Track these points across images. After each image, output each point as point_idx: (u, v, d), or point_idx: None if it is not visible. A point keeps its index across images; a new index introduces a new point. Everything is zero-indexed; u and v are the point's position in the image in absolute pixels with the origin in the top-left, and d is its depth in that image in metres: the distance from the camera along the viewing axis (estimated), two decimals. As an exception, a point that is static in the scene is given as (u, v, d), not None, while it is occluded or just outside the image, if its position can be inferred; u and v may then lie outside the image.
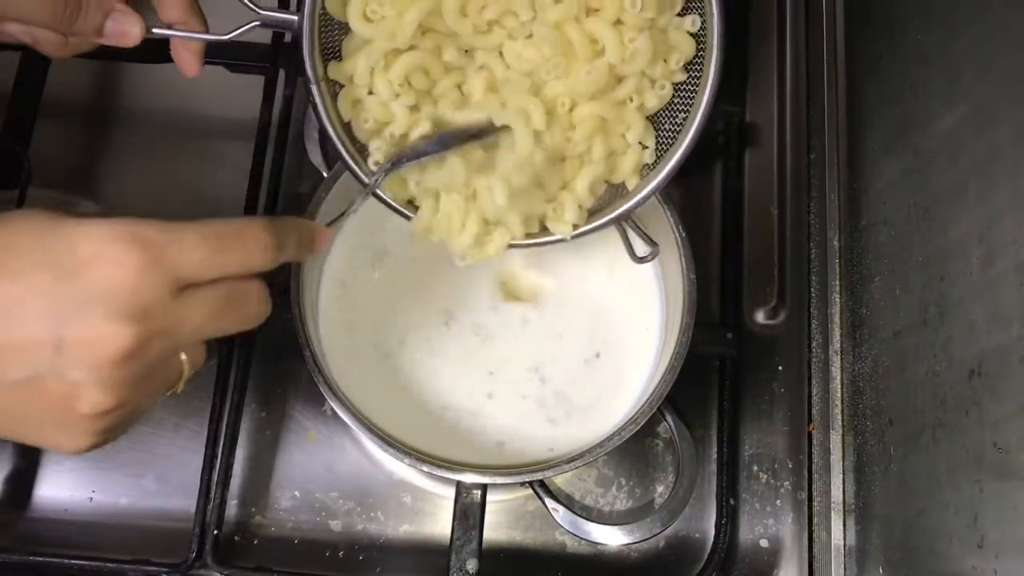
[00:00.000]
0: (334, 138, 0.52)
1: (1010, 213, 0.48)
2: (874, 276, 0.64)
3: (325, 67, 0.51)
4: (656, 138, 0.53)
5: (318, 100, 0.51)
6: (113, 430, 0.38)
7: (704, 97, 0.50)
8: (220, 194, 0.68)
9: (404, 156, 0.50)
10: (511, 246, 0.54)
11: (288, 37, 0.67)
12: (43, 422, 0.37)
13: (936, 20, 0.58)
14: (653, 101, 0.52)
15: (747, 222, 0.70)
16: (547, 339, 0.61)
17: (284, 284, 0.54)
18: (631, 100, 0.51)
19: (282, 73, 0.68)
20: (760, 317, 0.69)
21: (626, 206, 0.53)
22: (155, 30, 0.50)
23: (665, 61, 0.51)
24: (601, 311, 0.62)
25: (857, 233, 0.67)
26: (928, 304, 0.55)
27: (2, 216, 0.36)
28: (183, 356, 0.39)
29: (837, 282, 0.68)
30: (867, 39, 0.70)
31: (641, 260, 0.55)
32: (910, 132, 0.60)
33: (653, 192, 0.53)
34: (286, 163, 0.66)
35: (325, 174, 0.61)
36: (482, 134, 0.50)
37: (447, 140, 0.50)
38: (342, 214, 0.51)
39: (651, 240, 0.54)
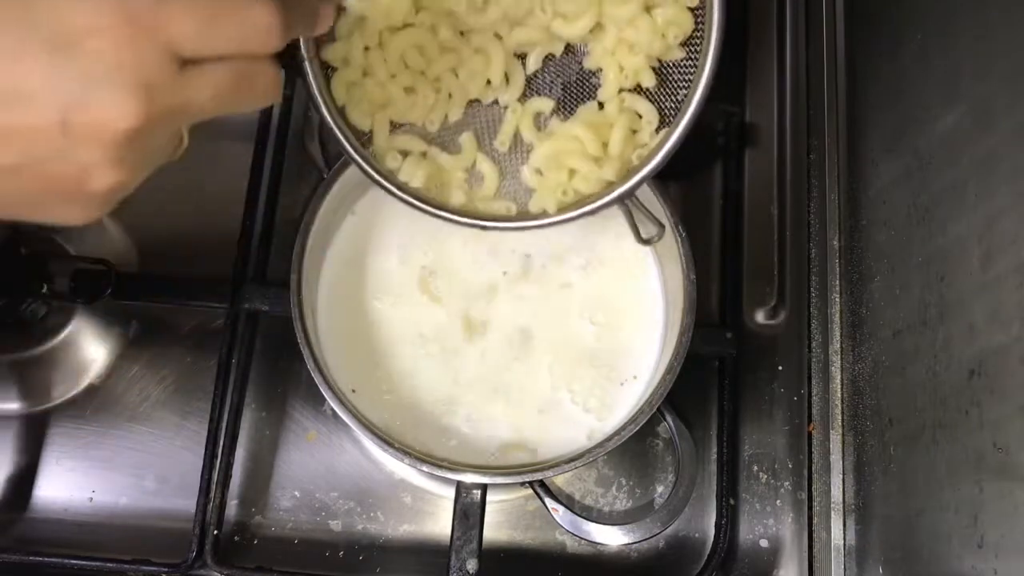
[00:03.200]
0: (327, 118, 0.51)
1: (1010, 213, 0.48)
2: (874, 276, 0.64)
3: (318, 49, 0.50)
4: (658, 115, 0.52)
5: (311, 79, 0.50)
6: (117, 199, 0.37)
7: (705, 71, 0.49)
8: (220, 194, 0.68)
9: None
10: (502, 228, 0.53)
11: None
12: (48, 201, 0.35)
13: (936, 20, 0.58)
14: (650, 80, 0.52)
15: (747, 222, 0.70)
16: (547, 339, 0.61)
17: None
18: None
19: (282, 73, 0.68)
20: (760, 317, 0.69)
21: (630, 183, 0.51)
22: None
23: (663, 36, 0.51)
24: (601, 311, 0.62)
25: (857, 233, 0.67)
26: (928, 304, 0.55)
27: None
28: (184, 130, 0.38)
29: (837, 282, 0.68)
30: (867, 39, 0.70)
31: (647, 242, 0.54)
32: (910, 132, 0.60)
33: (657, 168, 0.51)
34: (286, 163, 0.66)
35: (325, 174, 0.60)
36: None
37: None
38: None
39: (657, 221, 0.54)
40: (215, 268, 0.64)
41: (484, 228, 0.53)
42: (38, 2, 0.32)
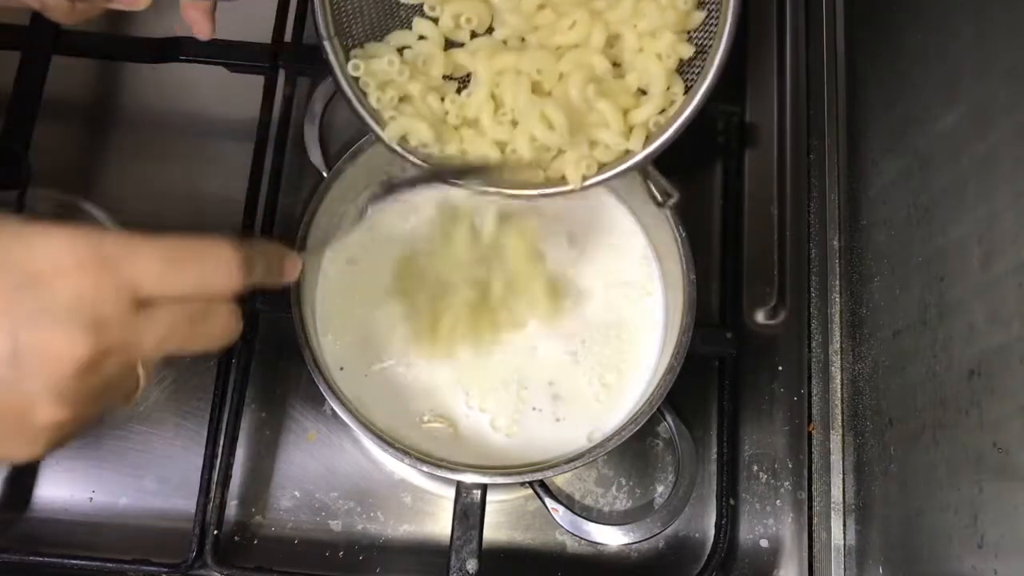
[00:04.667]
0: (348, 92, 0.51)
1: (1010, 213, 0.48)
2: (874, 276, 0.64)
3: (337, 27, 0.51)
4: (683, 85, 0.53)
5: (331, 56, 0.50)
6: (65, 438, 0.37)
7: (724, 35, 0.49)
8: (220, 194, 0.68)
9: (397, 186, 0.51)
10: (516, 195, 0.53)
11: (288, 35, 0.68)
12: None
13: (936, 20, 0.58)
14: (688, 51, 0.52)
15: (747, 222, 0.70)
16: (547, 339, 0.61)
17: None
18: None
19: (282, 73, 0.68)
20: (760, 317, 0.69)
21: (649, 149, 0.51)
22: None
23: (675, 7, 0.51)
24: (601, 311, 0.62)
25: (857, 233, 0.67)
26: (928, 304, 0.55)
27: None
28: (140, 370, 0.38)
29: (837, 282, 0.68)
30: (867, 39, 0.70)
31: (662, 205, 0.55)
32: (910, 132, 0.60)
33: (676, 135, 0.51)
34: (286, 163, 0.66)
35: (325, 174, 0.61)
36: (477, 172, 0.51)
37: (443, 175, 0.50)
38: (325, 244, 0.50)
39: (671, 187, 0.54)
40: (215, 268, 0.63)
41: (509, 196, 0.53)
42: (18, 242, 0.34)
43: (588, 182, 0.52)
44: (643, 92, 0.53)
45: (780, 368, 0.68)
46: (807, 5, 0.75)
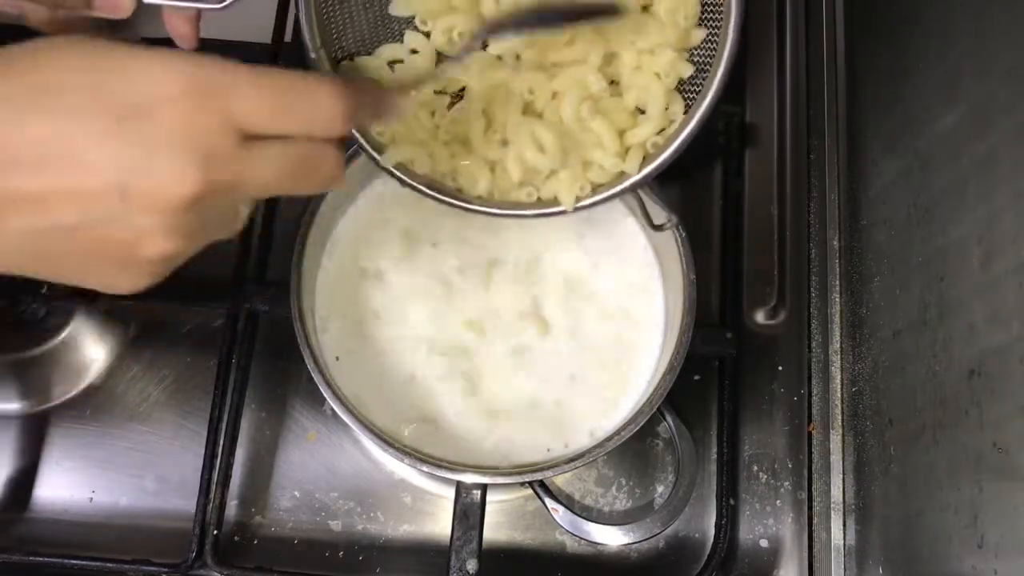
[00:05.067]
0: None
1: (1010, 213, 0.48)
2: (874, 276, 0.64)
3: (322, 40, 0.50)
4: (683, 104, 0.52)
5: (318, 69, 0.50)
6: (169, 268, 0.37)
7: (723, 57, 0.49)
8: (220, 194, 0.68)
9: (505, 24, 0.46)
10: (509, 215, 0.53)
11: (288, 35, 0.68)
12: (99, 265, 0.36)
13: (936, 20, 0.58)
14: (688, 70, 0.51)
15: (747, 222, 0.70)
16: (547, 340, 0.61)
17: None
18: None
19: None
20: (760, 317, 0.69)
21: (645, 171, 0.51)
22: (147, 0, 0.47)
23: (676, 24, 0.50)
24: (601, 311, 0.62)
25: (857, 233, 0.67)
26: (928, 304, 0.55)
27: (40, 45, 0.33)
28: (242, 206, 0.38)
29: (837, 282, 0.68)
30: (867, 40, 0.70)
31: (659, 228, 0.55)
32: (910, 132, 0.60)
33: (673, 156, 0.50)
34: (286, 163, 0.66)
35: (325, 174, 0.60)
36: (594, 15, 0.47)
37: (553, 19, 0.46)
38: (417, 81, 0.47)
39: (668, 211, 0.54)
40: (215, 268, 0.63)
41: (498, 216, 0.53)
42: (113, 70, 0.33)
43: (581, 203, 0.52)
44: (641, 111, 0.52)
45: (780, 368, 0.68)
46: (807, 5, 0.75)
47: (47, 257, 0.35)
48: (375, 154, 0.52)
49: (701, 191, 0.71)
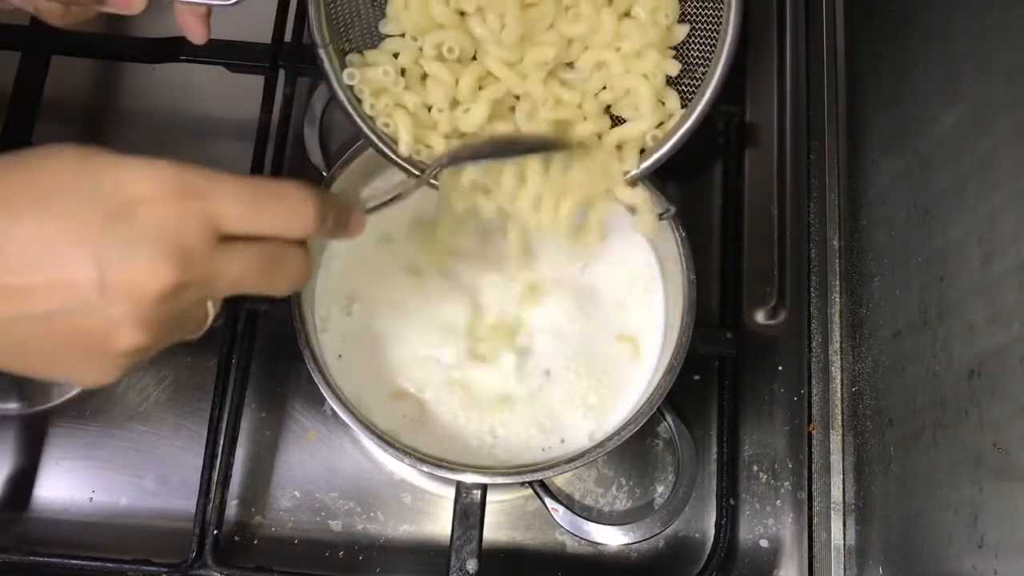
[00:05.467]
0: (344, 102, 0.52)
1: (1010, 213, 0.48)
2: (874, 276, 0.64)
3: (333, 36, 0.51)
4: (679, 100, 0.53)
5: (327, 64, 0.51)
6: (137, 361, 0.38)
7: (723, 52, 0.49)
8: (220, 194, 0.68)
9: (463, 156, 0.51)
10: None
11: (288, 35, 0.68)
12: (71, 354, 0.37)
13: (936, 20, 0.58)
14: (674, 68, 0.52)
15: (747, 222, 0.70)
16: (547, 340, 0.61)
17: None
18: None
19: (282, 73, 0.68)
20: (760, 317, 0.69)
21: (645, 164, 0.52)
22: None
23: (656, 24, 0.51)
24: (601, 311, 0.62)
25: (857, 233, 0.67)
26: (928, 304, 0.55)
27: (37, 153, 0.36)
28: (210, 305, 0.39)
29: (837, 282, 0.68)
30: (867, 39, 0.70)
31: (659, 217, 0.55)
32: (910, 132, 0.60)
33: (675, 148, 0.52)
34: (286, 163, 0.66)
35: (325, 174, 0.61)
36: (545, 148, 0.51)
37: (508, 150, 0.51)
38: (384, 203, 0.49)
39: (666, 201, 0.55)
40: (215, 268, 0.64)
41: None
42: (103, 173, 0.35)
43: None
44: (614, 116, 0.53)
45: (780, 368, 0.68)
46: (807, 5, 0.75)
47: (20, 347, 0.37)
48: (385, 148, 0.52)
49: (701, 191, 0.71)
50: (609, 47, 0.52)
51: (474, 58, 0.53)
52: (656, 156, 0.51)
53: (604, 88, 0.53)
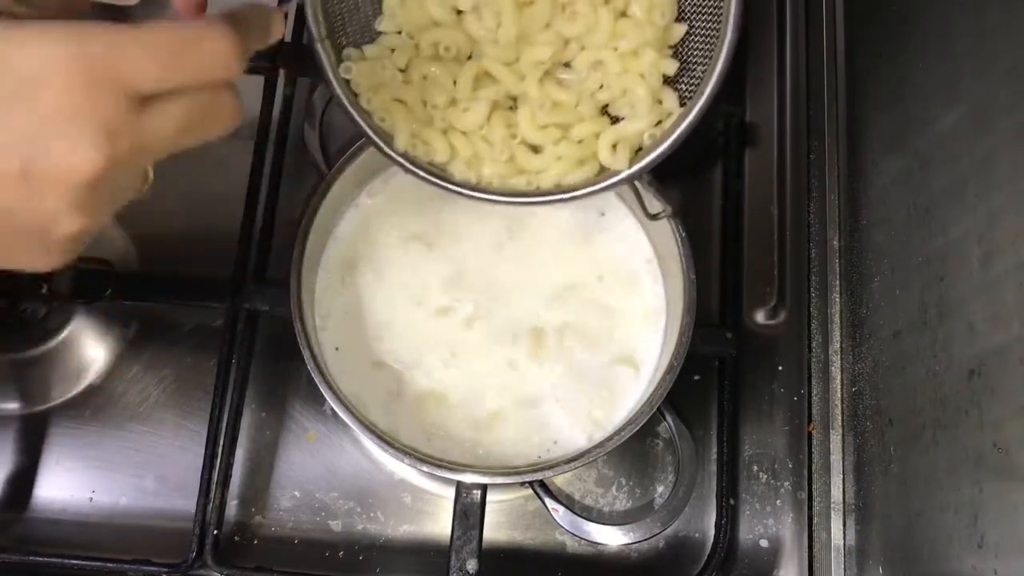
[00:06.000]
0: (342, 97, 0.51)
1: (1010, 213, 0.48)
2: (874, 276, 0.64)
3: (329, 30, 0.51)
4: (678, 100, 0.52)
5: (323, 59, 0.51)
6: (84, 243, 0.37)
7: (723, 50, 0.49)
8: (220, 194, 0.68)
9: None
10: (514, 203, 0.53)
11: (288, 35, 0.68)
12: (12, 247, 0.35)
13: (936, 20, 0.58)
14: (671, 67, 0.52)
15: (747, 222, 0.70)
16: (545, 339, 0.61)
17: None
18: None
19: (282, 73, 0.68)
20: (760, 317, 0.69)
21: (643, 163, 0.51)
22: None
23: (652, 23, 0.51)
24: (601, 311, 0.62)
25: (857, 233, 0.67)
26: (928, 304, 0.55)
27: None
28: (148, 168, 0.37)
29: (837, 282, 0.68)
30: (867, 39, 0.70)
31: (654, 217, 0.55)
32: (910, 132, 0.60)
33: (672, 148, 0.51)
34: (286, 163, 0.66)
35: (325, 174, 0.60)
36: None
37: None
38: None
39: (664, 200, 0.54)
40: (215, 268, 0.64)
41: (496, 203, 0.53)
42: None
43: (577, 192, 0.52)
44: (610, 114, 0.53)
45: (780, 368, 0.68)
46: (807, 5, 0.75)
47: None
48: (382, 144, 0.52)
49: (701, 191, 0.71)
50: (606, 47, 0.52)
51: (470, 57, 0.53)
52: (654, 155, 0.51)
53: (601, 87, 0.53)
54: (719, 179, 0.71)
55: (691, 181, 0.71)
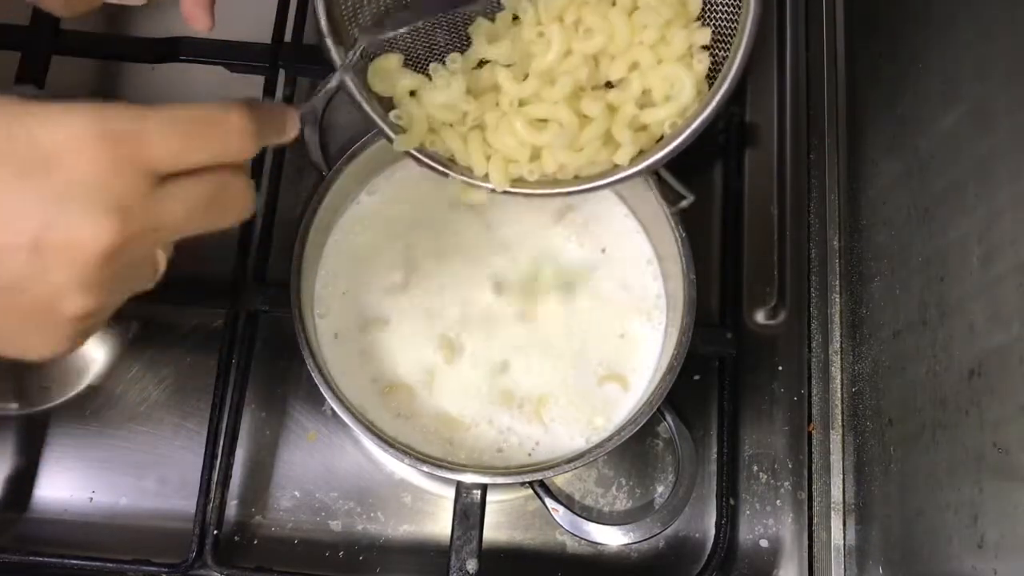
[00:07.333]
0: (369, 112, 0.52)
1: (1010, 213, 0.48)
2: (874, 276, 0.64)
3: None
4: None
5: (333, 53, 0.51)
6: (90, 330, 0.36)
7: (742, 44, 0.49)
8: (220, 194, 0.68)
9: (385, 25, 0.48)
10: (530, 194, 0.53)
11: (288, 36, 0.68)
12: (18, 328, 0.34)
13: (936, 20, 0.58)
14: (704, 37, 0.52)
15: (747, 222, 0.70)
16: (548, 340, 0.61)
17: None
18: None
19: (282, 73, 0.68)
20: (760, 317, 0.69)
21: (665, 150, 0.51)
22: None
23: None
24: (601, 311, 0.62)
25: (857, 233, 0.67)
26: (928, 304, 0.55)
27: None
28: (160, 252, 0.37)
29: (837, 282, 0.68)
30: (867, 39, 0.70)
31: (676, 205, 0.56)
32: (910, 132, 0.60)
33: (694, 135, 0.51)
34: (286, 163, 0.66)
35: (325, 174, 0.61)
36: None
37: (431, 5, 0.48)
38: (316, 93, 0.48)
39: (685, 190, 0.55)
40: (215, 268, 0.64)
41: (512, 194, 0.53)
42: (12, 123, 0.32)
43: (585, 186, 0.53)
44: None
45: (780, 368, 0.68)
46: (807, 5, 0.75)
47: None
48: (393, 135, 0.52)
49: (701, 191, 0.70)
50: (633, 45, 0.51)
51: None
52: (679, 140, 0.50)
53: (644, 92, 0.52)
54: (719, 179, 0.71)
55: (691, 181, 0.71)
